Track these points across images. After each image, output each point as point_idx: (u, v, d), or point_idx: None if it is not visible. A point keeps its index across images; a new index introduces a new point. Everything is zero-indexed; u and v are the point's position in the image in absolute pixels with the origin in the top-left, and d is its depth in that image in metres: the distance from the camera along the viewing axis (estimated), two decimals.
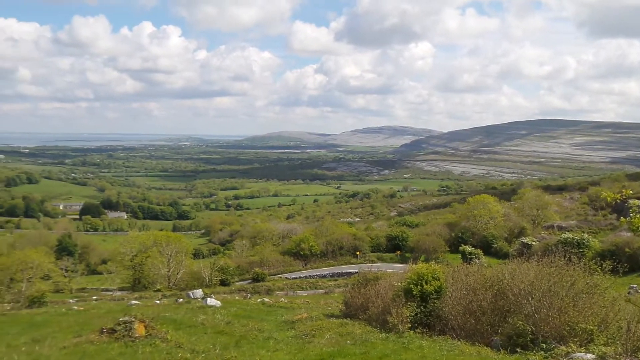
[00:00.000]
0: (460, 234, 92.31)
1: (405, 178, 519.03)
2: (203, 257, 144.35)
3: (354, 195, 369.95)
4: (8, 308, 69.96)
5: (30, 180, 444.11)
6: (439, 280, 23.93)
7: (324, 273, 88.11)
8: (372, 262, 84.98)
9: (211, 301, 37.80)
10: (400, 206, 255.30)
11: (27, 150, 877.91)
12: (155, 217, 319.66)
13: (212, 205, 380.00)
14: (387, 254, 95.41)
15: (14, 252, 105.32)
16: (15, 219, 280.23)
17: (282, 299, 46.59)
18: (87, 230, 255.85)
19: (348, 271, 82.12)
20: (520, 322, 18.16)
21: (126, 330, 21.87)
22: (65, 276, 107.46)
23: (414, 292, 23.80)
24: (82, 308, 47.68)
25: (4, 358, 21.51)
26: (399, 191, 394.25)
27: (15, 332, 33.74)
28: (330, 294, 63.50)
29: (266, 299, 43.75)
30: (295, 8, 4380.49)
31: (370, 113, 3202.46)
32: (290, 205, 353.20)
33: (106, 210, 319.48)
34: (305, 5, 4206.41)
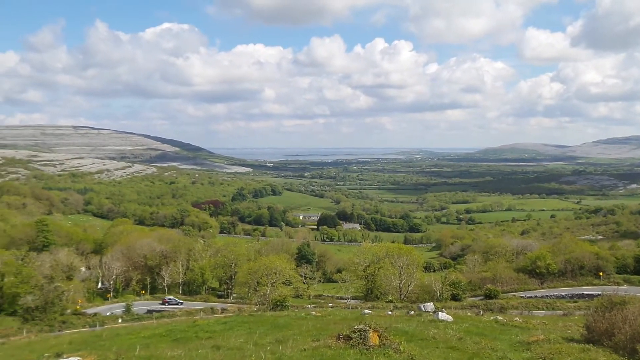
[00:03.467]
0: None
1: None
2: (434, 271, 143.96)
3: (596, 211, 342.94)
4: (255, 309, 76.17)
5: (274, 192, 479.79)
6: None
7: (562, 293, 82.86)
8: (618, 284, 78.18)
9: (442, 315, 37.44)
10: None
11: (271, 164, 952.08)
12: (387, 229, 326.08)
13: (443, 219, 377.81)
14: (635, 276, 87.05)
15: (260, 258, 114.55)
16: (261, 227, 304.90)
17: (516, 318, 44.55)
18: (324, 240, 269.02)
19: (589, 293, 76.40)
20: None
21: (361, 338, 22.51)
22: (304, 282, 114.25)
23: None
24: (319, 314, 50.12)
25: (252, 355, 23.40)
26: None
27: (261, 331, 36.62)
28: (570, 316, 59.23)
29: (499, 317, 42.21)
30: (527, 15, 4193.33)
31: (615, 122, 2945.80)
32: (524, 220, 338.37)
33: (341, 221, 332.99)
34: (538, 11, 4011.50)
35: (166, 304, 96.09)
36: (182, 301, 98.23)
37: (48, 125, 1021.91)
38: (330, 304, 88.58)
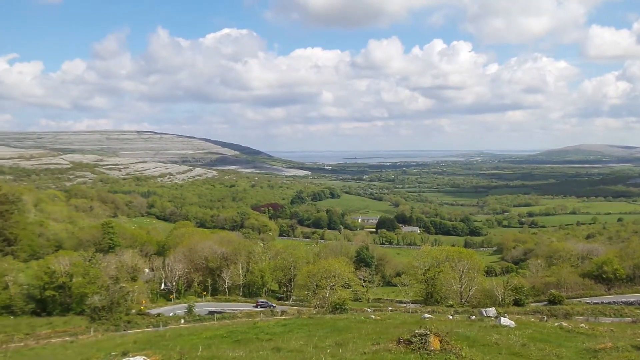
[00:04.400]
0: None
1: None
2: (495, 275, 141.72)
3: None
4: (314, 312, 76.53)
5: (332, 195, 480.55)
6: None
7: (631, 300, 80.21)
8: None
9: (505, 321, 36.80)
10: None
11: (330, 167, 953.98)
12: (446, 232, 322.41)
13: (505, 222, 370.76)
14: None
15: (319, 260, 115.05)
16: (320, 231, 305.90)
17: (582, 324, 43.35)
18: (383, 243, 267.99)
19: None
20: None
21: (422, 343, 22.33)
22: (363, 286, 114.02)
23: None
24: (378, 317, 49.94)
25: (312, 358, 23.50)
26: None
27: (320, 334, 36.74)
28: (639, 323, 57.26)
29: (564, 323, 41.18)
30: (590, 12, 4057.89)
31: None
32: (590, 224, 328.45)
33: (400, 225, 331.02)
34: (601, 8, 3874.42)
35: (258, 306, 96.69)
36: (274, 304, 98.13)
37: (113, 130, 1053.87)
38: (390, 308, 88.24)
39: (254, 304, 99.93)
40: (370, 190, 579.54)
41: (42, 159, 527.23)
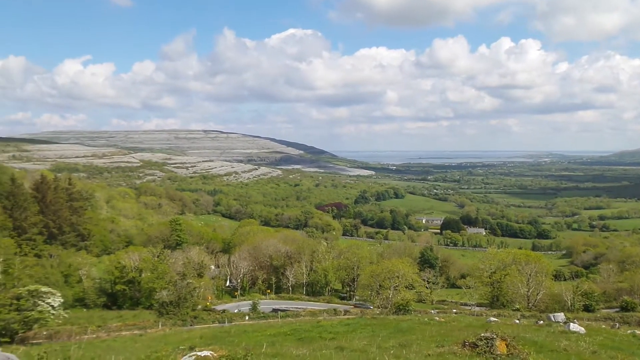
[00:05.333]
0: None
1: None
2: (564, 280, 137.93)
3: None
4: (377, 312, 76.39)
5: (396, 195, 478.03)
6: None
7: None
8: None
9: (574, 327, 35.81)
10: None
11: (394, 167, 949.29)
12: (513, 234, 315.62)
13: (574, 225, 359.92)
14: None
15: (382, 261, 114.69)
16: (384, 231, 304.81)
17: None
18: (447, 245, 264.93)
19: None
20: None
21: (487, 347, 21.96)
22: (427, 287, 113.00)
23: None
24: (442, 319, 49.43)
25: (376, 358, 23.47)
26: None
27: (384, 335, 36.67)
28: None
29: (637, 331, 39.71)
30: None
31: None
32: None
33: (465, 226, 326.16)
34: None
35: (356, 307, 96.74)
36: (371, 306, 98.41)
37: (181, 130, 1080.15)
38: (454, 310, 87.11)
39: (353, 305, 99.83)
40: (435, 190, 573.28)
41: (113, 157, 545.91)
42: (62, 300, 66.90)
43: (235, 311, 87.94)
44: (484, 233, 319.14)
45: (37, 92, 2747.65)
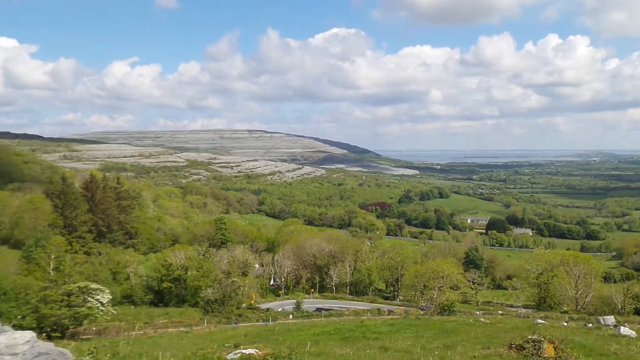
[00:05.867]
0: None
1: None
2: (614, 282, 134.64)
3: None
4: (422, 313, 75.88)
5: (441, 195, 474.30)
6: None
7: None
8: None
9: (625, 330, 34.87)
10: None
11: (438, 167, 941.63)
12: (561, 235, 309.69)
13: (625, 226, 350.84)
14: None
15: (427, 261, 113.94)
16: (428, 231, 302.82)
17: None
18: (493, 245, 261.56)
19: None
20: None
21: (535, 349, 21.60)
22: (472, 288, 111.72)
23: None
24: (488, 321, 48.81)
25: (420, 359, 23.31)
26: None
27: (428, 335, 36.37)
28: None
29: None
30: None
31: None
32: None
33: (511, 226, 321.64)
34: None
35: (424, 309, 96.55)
36: (426, 305, 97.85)
37: (226, 130, 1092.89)
38: (500, 312, 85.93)
39: (420, 306, 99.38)
40: (480, 190, 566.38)
41: (160, 157, 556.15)
42: (110, 296, 68.49)
43: (279, 310, 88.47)
44: (531, 234, 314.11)
45: (87, 94, 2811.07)
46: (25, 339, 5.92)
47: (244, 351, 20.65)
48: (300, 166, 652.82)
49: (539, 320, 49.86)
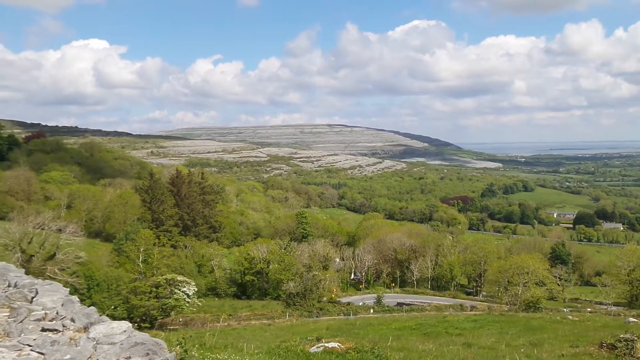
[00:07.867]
0: None
1: None
2: None
3: None
4: (506, 309, 74.23)
5: (525, 188, 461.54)
6: None
7: None
8: None
9: None
10: None
11: (523, 159, 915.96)
12: None
13: None
14: None
15: (511, 256, 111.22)
16: (512, 225, 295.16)
17: None
18: (581, 240, 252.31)
19: None
20: None
21: (627, 349, 20.76)
22: (558, 284, 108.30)
23: None
24: (576, 318, 47.33)
25: (506, 357, 22.83)
26: None
27: (513, 332, 35.65)
28: None
29: None
30: None
31: None
32: None
33: (600, 221, 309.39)
34: None
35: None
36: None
37: (306, 124, 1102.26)
38: (589, 309, 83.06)
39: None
40: (567, 183, 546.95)
41: (242, 152, 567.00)
42: (195, 289, 70.67)
43: (360, 304, 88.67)
44: (622, 228, 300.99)
45: (172, 91, 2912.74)
46: (122, 328, 6.18)
47: (326, 344, 20.86)
48: (380, 160, 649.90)
49: (631, 319, 47.82)
